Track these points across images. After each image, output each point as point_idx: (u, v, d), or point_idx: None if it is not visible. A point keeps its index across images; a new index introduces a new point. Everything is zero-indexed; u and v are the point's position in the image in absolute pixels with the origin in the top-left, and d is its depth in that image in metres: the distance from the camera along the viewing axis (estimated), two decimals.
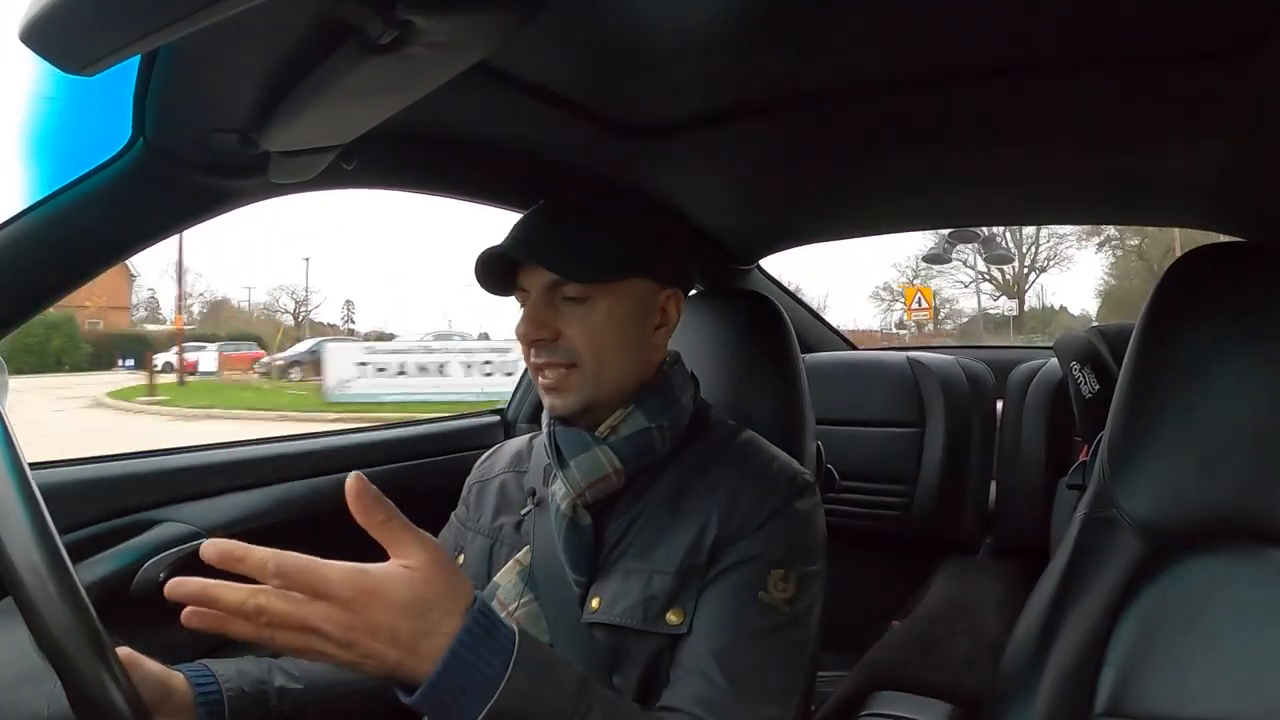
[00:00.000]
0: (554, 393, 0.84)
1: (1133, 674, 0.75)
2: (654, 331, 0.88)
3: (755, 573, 0.78)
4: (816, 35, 0.82)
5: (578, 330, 0.82)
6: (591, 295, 0.83)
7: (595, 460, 0.83)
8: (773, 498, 0.81)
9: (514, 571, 0.86)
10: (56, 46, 0.50)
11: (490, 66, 0.85)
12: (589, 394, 0.83)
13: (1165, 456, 0.82)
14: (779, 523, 0.80)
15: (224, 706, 0.73)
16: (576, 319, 0.83)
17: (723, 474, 0.84)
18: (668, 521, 0.81)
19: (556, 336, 0.83)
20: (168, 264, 20.51)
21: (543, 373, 0.84)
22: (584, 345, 0.82)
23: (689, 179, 1.30)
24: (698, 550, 0.79)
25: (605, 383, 0.84)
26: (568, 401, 0.83)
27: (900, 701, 1.21)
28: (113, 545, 1.00)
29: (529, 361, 0.85)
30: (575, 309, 0.83)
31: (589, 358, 0.82)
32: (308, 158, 0.83)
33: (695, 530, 0.80)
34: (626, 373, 0.85)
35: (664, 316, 0.89)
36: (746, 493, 0.81)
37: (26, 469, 0.57)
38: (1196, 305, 0.85)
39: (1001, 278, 19.98)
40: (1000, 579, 1.72)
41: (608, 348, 0.83)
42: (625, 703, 0.71)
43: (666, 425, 0.86)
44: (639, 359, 0.87)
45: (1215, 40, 0.79)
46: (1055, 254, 20.98)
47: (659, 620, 0.77)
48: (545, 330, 0.82)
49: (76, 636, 0.52)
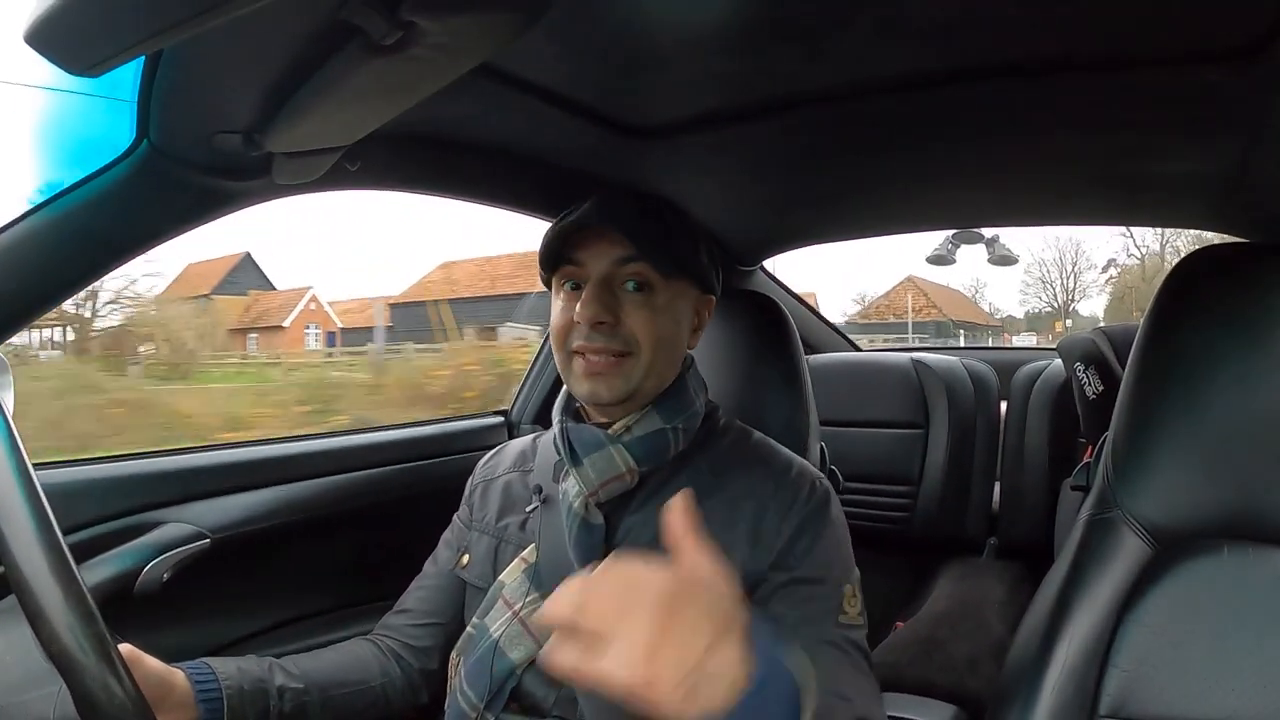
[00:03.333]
0: (599, 379, 0.83)
1: (1137, 676, 0.75)
2: (691, 334, 0.91)
3: (833, 599, 0.78)
4: (821, 36, 0.82)
5: (639, 318, 0.83)
6: (655, 285, 0.84)
7: (610, 459, 0.83)
8: (801, 507, 0.81)
9: (520, 570, 0.86)
10: (61, 48, 0.50)
11: (494, 68, 0.85)
12: (635, 384, 0.83)
13: (1169, 458, 0.82)
14: (826, 539, 0.81)
15: (223, 704, 0.73)
16: (638, 308, 0.83)
17: (742, 480, 0.84)
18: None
19: (618, 322, 0.82)
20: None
21: (588, 357, 0.83)
22: (644, 334, 0.82)
23: (692, 180, 1.30)
24: (726, 564, 0.78)
25: (652, 375, 0.84)
26: (613, 389, 0.82)
27: (904, 703, 1.21)
28: (117, 545, 1.00)
29: (569, 347, 0.84)
30: (638, 297, 0.83)
31: (646, 347, 0.82)
32: (312, 159, 0.83)
33: (719, 544, 0.79)
34: (669, 370, 0.86)
35: (699, 320, 0.92)
36: (770, 503, 0.81)
37: (30, 469, 0.57)
38: (1200, 306, 0.84)
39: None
40: (1004, 580, 1.72)
41: (663, 342, 0.84)
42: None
43: (681, 427, 0.86)
44: (680, 360, 0.88)
45: (1219, 41, 0.78)
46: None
47: None
48: (609, 313, 0.82)
49: (80, 637, 0.52)
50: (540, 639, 0.81)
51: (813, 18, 0.78)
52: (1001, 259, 3.42)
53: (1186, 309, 0.85)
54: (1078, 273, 21.01)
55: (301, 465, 1.25)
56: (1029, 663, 0.81)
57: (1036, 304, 14.54)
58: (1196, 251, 0.89)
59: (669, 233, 0.86)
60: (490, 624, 0.84)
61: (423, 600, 0.96)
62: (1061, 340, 1.69)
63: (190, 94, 0.72)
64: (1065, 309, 17.21)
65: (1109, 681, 0.76)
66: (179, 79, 0.70)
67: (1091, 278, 19.00)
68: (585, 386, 0.84)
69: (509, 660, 0.81)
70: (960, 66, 0.88)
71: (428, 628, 0.93)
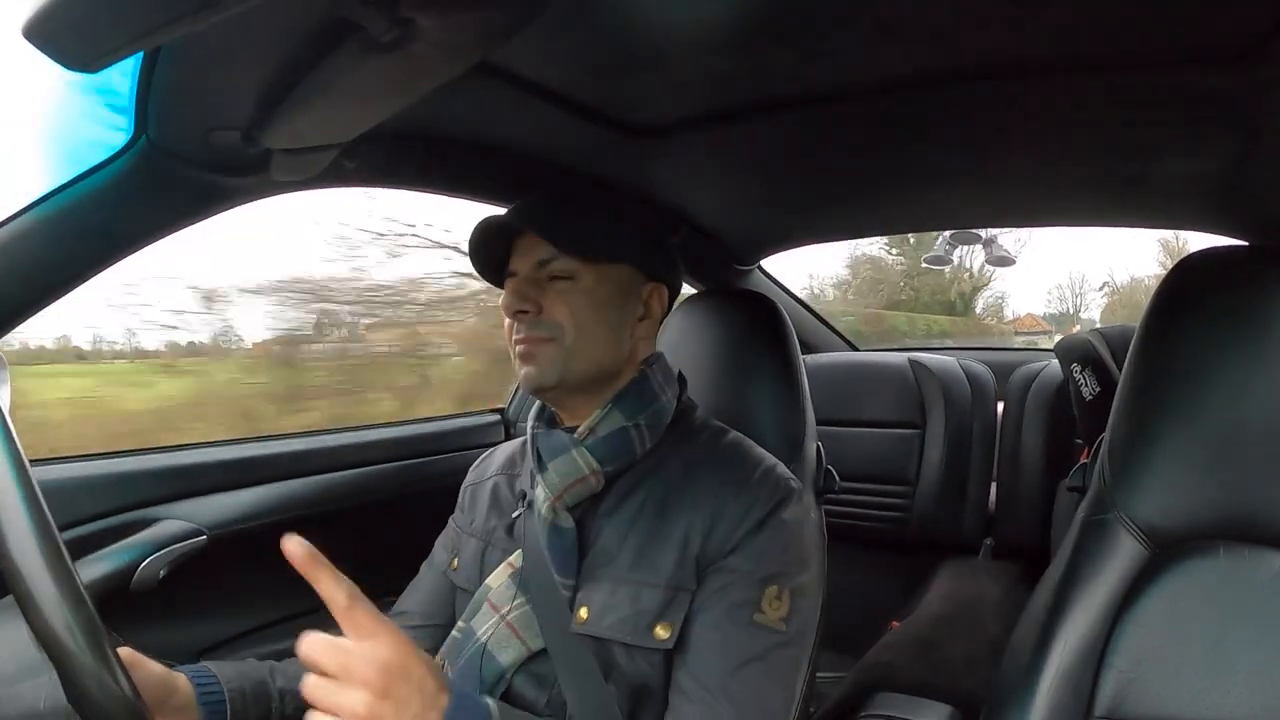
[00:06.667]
0: (529, 360, 0.84)
1: (1133, 677, 0.75)
2: (636, 322, 0.89)
3: (748, 593, 0.77)
4: (819, 36, 0.82)
5: (560, 305, 0.83)
6: (578, 273, 0.84)
7: (572, 462, 0.83)
8: (756, 509, 0.80)
9: (506, 574, 0.86)
10: (59, 43, 0.50)
11: (492, 65, 0.85)
12: (561, 367, 0.83)
13: (1166, 459, 0.82)
14: (766, 536, 0.79)
15: (226, 708, 0.73)
16: (561, 295, 0.84)
17: (707, 482, 0.83)
18: (655, 531, 0.81)
19: (540, 310, 0.83)
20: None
21: (522, 346, 0.84)
22: (565, 319, 0.83)
23: (689, 179, 1.30)
24: (684, 564, 0.78)
25: (580, 359, 0.84)
26: (542, 371, 0.83)
27: (899, 703, 1.21)
28: (113, 542, 1.00)
29: (509, 337, 0.86)
30: (561, 286, 0.84)
31: (568, 332, 0.83)
32: (309, 156, 0.83)
33: (680, 542, 0.79)
34: (602, 353, 0.86)
35: (647, 309, 0.90)
36: (730, 504, 0.80)
37: (27, 465, 0.57)
38: (1197, 308, 0.84)
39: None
40: (1000, 581, 1.72)
41: (587, 324, 0.84)
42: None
43: (644, 424, 0.86)
44: (616, 344, 0.87)
45: (1217, 44, 0.78)
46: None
47: (648, 634, 0.77)
48: (529, 303, 0.83)
49: (77, 633, 0.52)
50: (528, 642, 0.81)
51: (811, 18, 0.78)
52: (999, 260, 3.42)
53: (1183, 310, 0.86)
54: (1082, 293, 22.63)
55: (298, 463, 1.25)
56: (1025, 663, 0.81)
57: (1059, 306, 15.87)
58: (1194, 254, 0.89)
59: (592, 221, 0.87)
60: (477, 627, 0.84)
61: (419, 604, 0.96)
62: (1059, 341, 1.69)
63: (188, 90, 0.72)
64: (1076, 314, 18.08)
65: (1105, 682, 0.76)
66: (177, 75, 0.69)
67: (1092, 298, 20.76)
68: (522, 373, 0.85)
69: (499, 664, 0.81)
70: (958, 67, 0.88)
71: (426, 629, 0.93)
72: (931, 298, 11.95)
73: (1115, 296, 13.68)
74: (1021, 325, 12.60)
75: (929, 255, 3.06)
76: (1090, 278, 18.32)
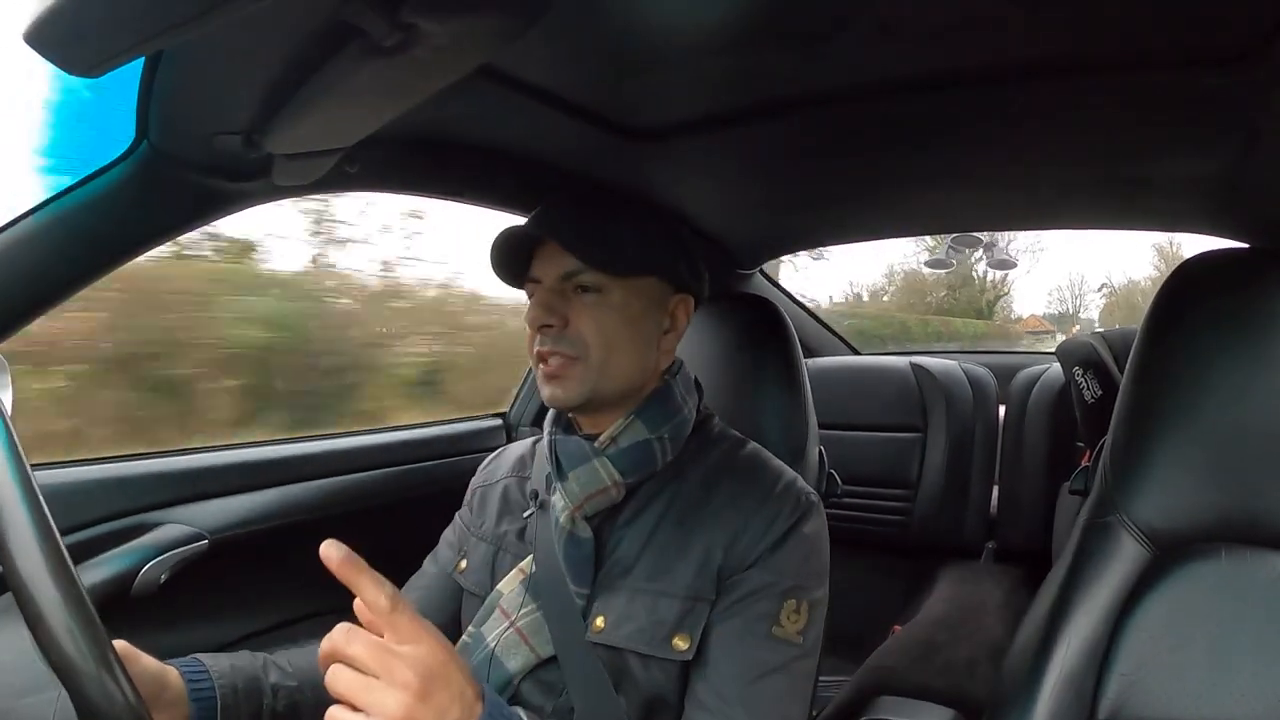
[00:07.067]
0: (554, 381, 0.82)
1: (1135, 679, 0.75)
2: (663, 335, 0.87)
3: (768, 606, 0.77)
4: (818, 38, 0.82)
5: (588, 321, 0.81)
6: (606, 287, 0.82)
7: (594, 472, 0.82)
8: (779, 523, 0.80)
9: (517, 580, 0.85)
10: (61, 48, 0.50)
11: (493, 69, 0.85)
12: (590, 387, 0.82)
13: (1168, 462, 0.82)
14: (787, 550, 0.79)
15: (217, 702, 0.72)
16: (588, 309, 0.81)
17: (729, 494, 0.83)
18: (674, 542, 0.80)
19: (565, 324, 0.81)
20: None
21: (545, 360, 0.82)
22: (592, 336, 0.81)
23: (690, 182, 1.30)
24: (704, 575, 0.78)
25: (608, 379, 0.82)
26: (568, 392, 0.81)
27: (901, 706, 1.21)
28: (115, 546, 1.00)
29: (533, 350, 0.84)
30: (588, 299, 0.82)
31: (596, 350, 0.81)
32: (311, 160, 0.83)
33: (701, 554, 0.79)
34: (631, 371, 0.84)
35: (673, 321, 0.88)
36: (753, 517, 0.80)
37: (29, 469, 0.57)
38: (1199, 311, 0.84)
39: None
40: (1002, 584, 1.72)
41: (616, 342, 0.82)
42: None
43: (668, 436, 0.85)
44: (644, 359, 0.85)
45: (1218, 45, 0.78)
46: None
47: (665, 645, 0.77)
48: (555, 316, 0.81)
49: (78, 638, 0.52)
50: (537, 649, 0.81)
51: (811, 20, 0.78)
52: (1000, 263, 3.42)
53: (1185, 313, 0.86)
54: (1081, 295, 22.92)
55: (300, 467, 1.25)
56: (1027, 666, 0.81)
57: (1060, 307, 16.32)
58: (1195, 256, 0.89)
59: (618, 232, 0.84)
60: (487, 634, 0.84)
61: (420, 600, 0.95)
62: (1061, 344, 1.69)
63: (190, 95, 0.72)
64: (1075, 315, 18.39)
65: (1107, 685, 0.76)
66: (179, 80, 0.70)
67: (1091, 300, 21.02)
68: (546, 391, 0.83)
69: (506, 670, 0.81)
70: (959, 69, 0.88)
71: None
72: (968, 304, 14.52)
73: (1113, 298, 14.57)
74: (1027, 325, 13.96)
75: (930, 259, 3.07)
76: (1089, 280, 18.89)
